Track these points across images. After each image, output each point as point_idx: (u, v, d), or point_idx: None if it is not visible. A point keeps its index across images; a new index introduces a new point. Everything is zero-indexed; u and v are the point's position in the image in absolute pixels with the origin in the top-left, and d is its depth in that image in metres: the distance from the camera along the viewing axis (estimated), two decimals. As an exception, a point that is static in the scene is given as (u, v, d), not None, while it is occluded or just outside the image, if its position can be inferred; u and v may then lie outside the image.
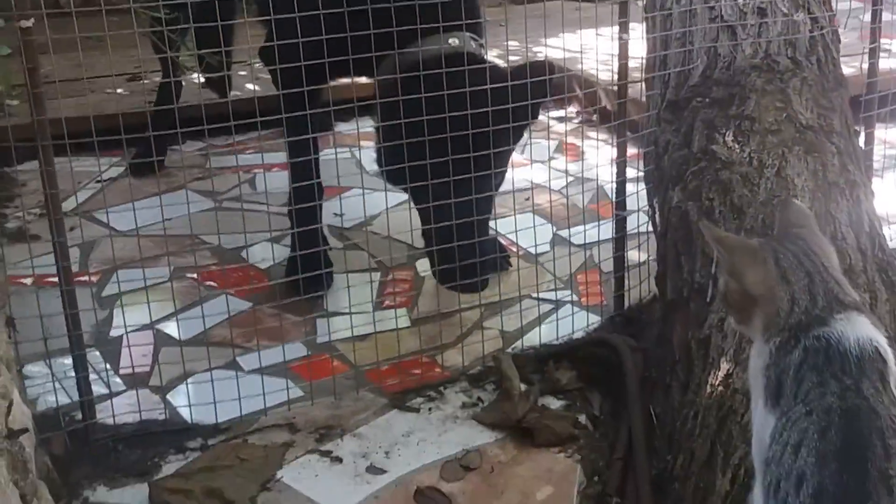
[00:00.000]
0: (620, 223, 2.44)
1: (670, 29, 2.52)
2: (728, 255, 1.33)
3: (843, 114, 2.27)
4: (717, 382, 1.73)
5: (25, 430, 1.35)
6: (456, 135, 2.15)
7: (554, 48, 2.95)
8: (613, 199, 2.44)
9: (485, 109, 2.14)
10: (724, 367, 1.75)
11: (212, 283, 2.70)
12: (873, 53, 2.62)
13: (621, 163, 2.40)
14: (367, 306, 2.49)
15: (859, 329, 1.23)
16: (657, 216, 2.40)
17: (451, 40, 2.28)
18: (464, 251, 2.23)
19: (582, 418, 2.09)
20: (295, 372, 2.28)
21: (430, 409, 2.16)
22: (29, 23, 1.59)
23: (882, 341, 1.24)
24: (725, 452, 1.60)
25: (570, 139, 3.49)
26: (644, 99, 2.59)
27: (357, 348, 2.35)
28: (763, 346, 1.29)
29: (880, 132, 2.88)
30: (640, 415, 1.96)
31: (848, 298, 1.28)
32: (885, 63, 2.76)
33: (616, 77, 2.38)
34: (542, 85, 2.29)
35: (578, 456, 1.98)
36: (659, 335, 2.23)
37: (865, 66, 2.61)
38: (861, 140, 2.50)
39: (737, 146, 2.16)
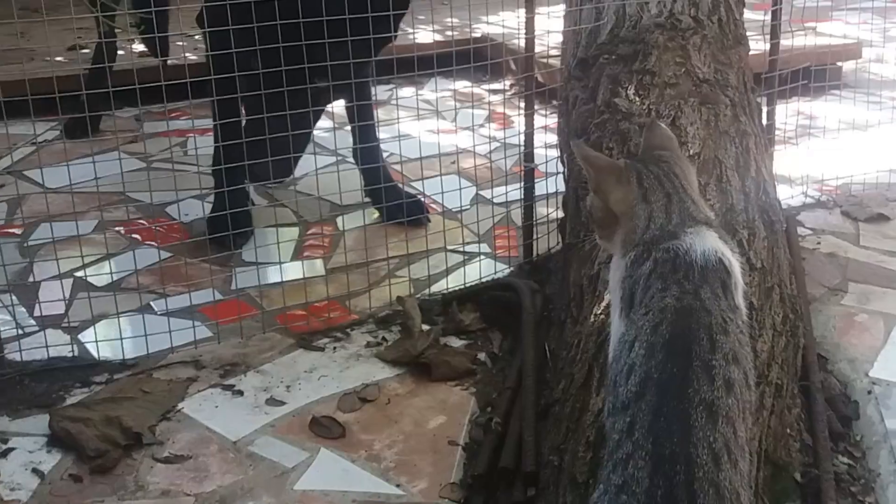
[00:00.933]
0: (529, 174, 2.44)
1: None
2: (595, 174, 1.35)
3: (741, 70, 2.29)
4: (600, 312, 1.74)
5: None
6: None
7: (494, 24, 2.99)
8: (521, 152, 2.44)
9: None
10: (607, 297, 1.75)
11: (136, 237, 2.67)
12: (775, 32, 2.67)
13: (529, 116, 2.39)
14: (286, 256, 2.49)
15: (707, 242, 1.26)
16: (565, 170, 2.41)
17: None
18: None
19: (481, 356, 2.10)
20: (204, 314, 2.26)
21: (334, 348, 2.15)
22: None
23: (728, 253, 1.27)
24: (601, 374, 1.60)
25: (500, 109, 3.51)
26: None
27: (268, 294, 2.33)
28: (620, 260, 1.32)
29: (795, 104, 2.96)
30: (533, 348, 1.95)
31: (700, 215, 1.31)
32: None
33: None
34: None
35: (473, 389, 1.98)
36: (562, 279, 2.24)
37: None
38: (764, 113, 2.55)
39: (637, 99, 2.17)
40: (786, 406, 1.71)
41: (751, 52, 2.48)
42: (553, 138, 2.58)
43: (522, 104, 2.50)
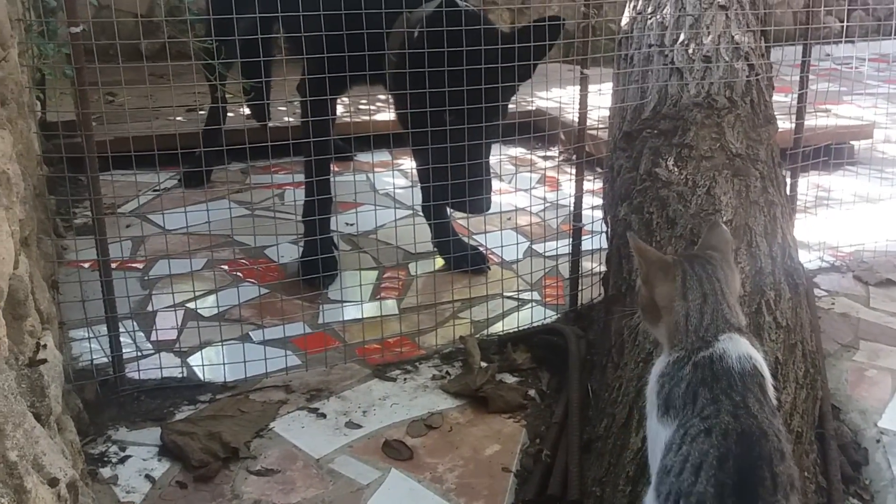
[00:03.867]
0: (577, 232, 2.44)
1: (630, 71, 2.54)
2: (646, 266, 1.30)
3: (770, 146, 2.26)
4: (640, 359, 1.72)
5: (44, 361, 1.36)
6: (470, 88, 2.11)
7: (546, 100, 3.02)
8: (570, 212, 2.44)
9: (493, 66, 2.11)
10: (647, 347, 1.74)
11: (239, 274, 2.72)
12: (800, 114, 2.64)
13: (579, 181, 2.39)
14: (365, 295, 2.53)
15: (740, 347, 1.22)
16: (609, 229, 2.40)
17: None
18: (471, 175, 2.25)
19: (532, 392, 2.08)
20: (295, 344, 2.29)
21: (405, 379, 2.15)
22: (78, 29, 1.62)
23: (759, 357, 1.23)
24: (640, 416, 1.58)
25: (552, 173, 3.52)
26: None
27: (349, 329, 2.36)
28: (664, 356, 1.27)
29: (814, 178, 2.93)
30: (578, 388, 1.94)
31: (734, 319, 1.26)
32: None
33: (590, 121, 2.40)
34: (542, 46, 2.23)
35: (525, 422, 1.96)
36: (602, 326, 2.23)
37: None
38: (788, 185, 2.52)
39: (676, 169, 2.16)
40: (804, 451, 1.66)
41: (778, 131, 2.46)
42: (598, 201, 2.57)
43: (572, 170, 2.50)
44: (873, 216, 3.06)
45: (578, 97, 2.38)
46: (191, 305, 2.46)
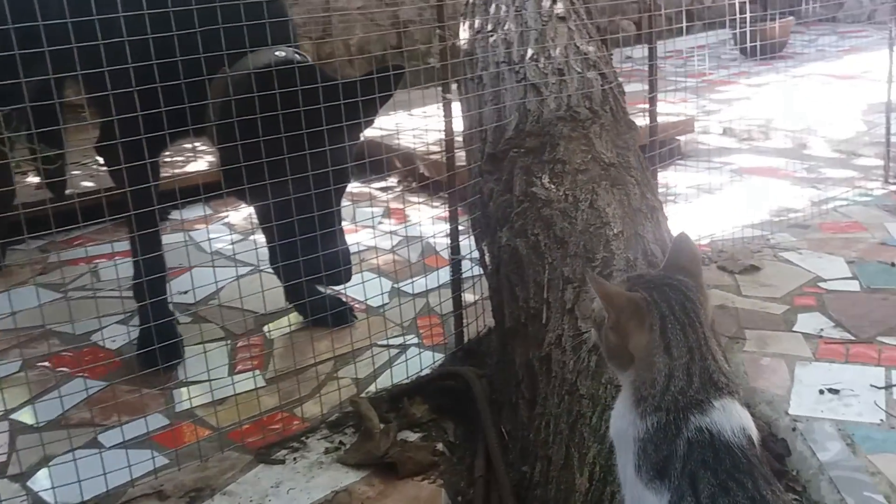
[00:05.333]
0: (456, 267, 2.42)
1: (482, 92, 2.57)
2: (615, 313, 1.16)
3: (636, 152, 2.36)
4: (564, 392, 1.70)
5: None
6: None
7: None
8: (449, 246, 2.42)
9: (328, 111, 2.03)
10: (568, 377, 1.73)
11: (64, 369, 2.46)
12: (653, 117, 2.80)
13: (453, 212, 2.38)
14: (222, 371, 2.37)
15: (734, 419, 1.11)
16: (486, 257, 2.40)
17: (277, 52, 2.14)
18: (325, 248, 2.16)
19: (440, 446, 2.01)
20: (158, 441, 2.09)
21: (294, 458, 2.02)
22: None
23: (750, 426, 1.14)
24: (580, 454, 1.56)
25: (394, 205, 3.52)
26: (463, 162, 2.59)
27: (217, 412, 2.18)
28: (633, 414, 1.14)
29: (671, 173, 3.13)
30: (494, 433, 1.89)
31: (721, 379, 1.15)
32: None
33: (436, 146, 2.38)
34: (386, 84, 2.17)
35: (441, 481, 1.89)
36: (498, 361, 2.21)
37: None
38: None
39: (553, 186, 2.19)
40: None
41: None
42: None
43: (419, 199, 2.48)
44: (714, 206, 3.29)
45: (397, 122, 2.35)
46: (16, 416, 2.19)
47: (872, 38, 6.12)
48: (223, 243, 3.19)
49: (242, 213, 3.47)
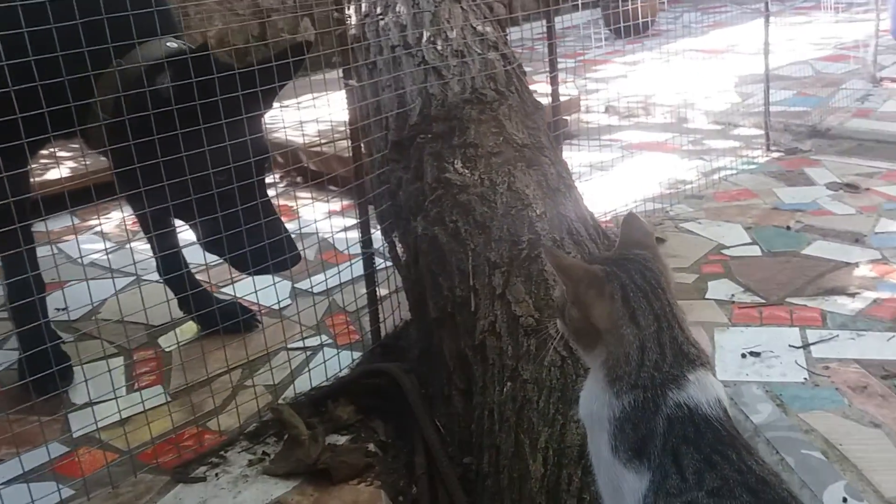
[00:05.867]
0: (368, 261, 2.37)
1: (379, 79, 2.53)
2: (572, 284, 1.15)
3: (545, 132, 2.38)
4: (505, 379, 1.70)
5: None
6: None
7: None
8: (360, 240, 2.37)
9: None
10: (508, 363, 1.73)
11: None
12: (555, 96, 2.84)
13: (362, 205, 2.33)
14: (120, 390, 2.24)
15: (709, 391, 1.11)
16: (399, 248, 2.37)
17: (169, 43, 2.03)
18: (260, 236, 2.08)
19: (371, 447, 1.97)
20: (61, 472, 1.95)
21: (216, 474, 1.93)
22: None
23: (723, 396, 1.14)
24: (531, 440, 1.56)
25: (281, 202, 3.42)
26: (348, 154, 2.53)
27: (122, 433, 2.06)
28: (607, 394, 1.13)
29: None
30: (431, 428, 1.87)
31: (692, 351, 1.15)
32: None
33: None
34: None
35: (378, 482, 1.85)
36: (421, 354, 2.19)
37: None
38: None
39: (467, 171, 2.18)
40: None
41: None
42: (342, 223, 2.51)
43: (302, 194, 2.41)
44: (610, 183, 3.40)
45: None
46: None
47: (733, 13, 6.42)
48: (97, 254, 3.01)
49: (114, 221, 3.30)
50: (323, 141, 3.47)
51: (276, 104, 2.21)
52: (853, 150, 3.81)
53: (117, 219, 3.19)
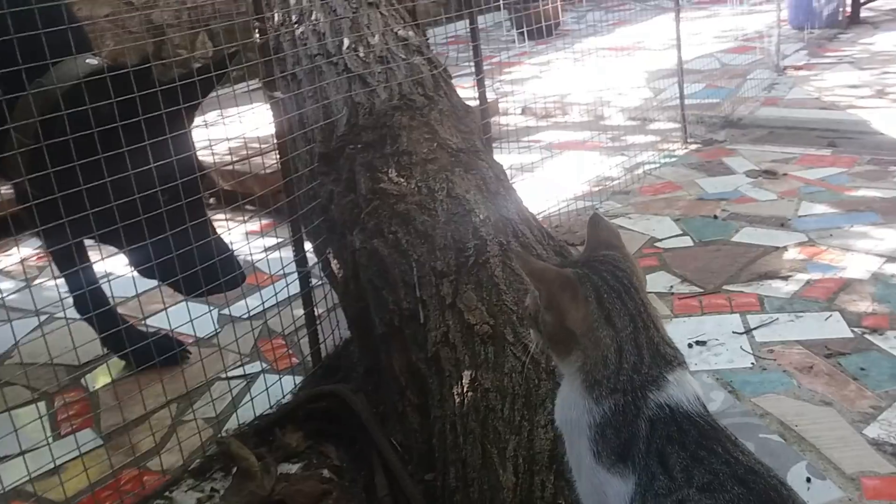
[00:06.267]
0: (304, 281, 2.33)
1: (299, 91, 2.50)
2: (545, 288, 1.14)
3: (479, 135, 2.39)
4: (465, 390, 1.69)
5: None
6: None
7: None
8: (294, 258, 2.32)
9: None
10: (466, 373, 1.71)
11: None
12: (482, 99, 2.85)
13: (295, 224, 2.29)
14: (43, 436, 2.12)
15: (688, 389, 1.11)
16: (335, 264, 2.33)
17: (88, 60, 1.97)
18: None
19: (325, 472, 1.93)
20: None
21: (164, 516, 1.87)
22: None
23: (700, 392, 1.15)
24: (499, 449, 1.55)
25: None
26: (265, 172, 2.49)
27: (55, 484, 1.96)
28: (586, 399, 1.12)
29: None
30: (389, 447, 1.85)
31: (669, 352, 1.15)
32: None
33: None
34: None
35: (338, 508, 1.82)
36: (367, 372, 2.16)
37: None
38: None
39: (403, 180, 2.17)
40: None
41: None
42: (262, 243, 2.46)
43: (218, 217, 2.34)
44: (536, 183, 3.46)
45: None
46: None
47: (635, 11, 6.60)
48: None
49: (13, 259, 3.15)
50: (236, 159, 3.40)
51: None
52: (766, 138, 3.95)
53: (17, 257, 3.06)
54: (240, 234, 3.00)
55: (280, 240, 2.36)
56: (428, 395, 1.85)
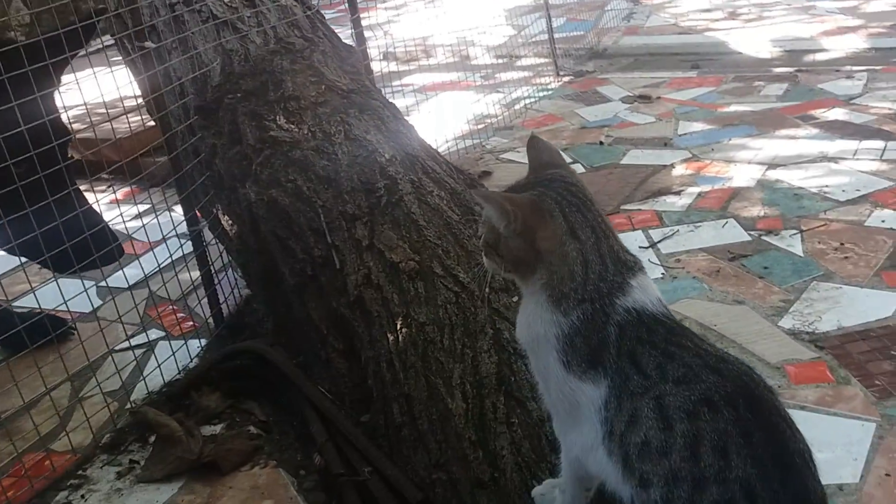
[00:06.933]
0: (197, 240, 2.28)
1: (162, 42, 2.41)
2: (521, 214, 1.16)
3: (366, 74, 2.39)
4: (399, 326, 1.72)
5: None
6: None
7: None
8: (185, 219, 2.27)
9: None
10: (397, 311, 1.74)
11: None
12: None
13: (180, 184, 2.23)
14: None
15: (650, 292, 1.17)
16: (226, 221, 2.30)
17: None
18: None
19: (252, 429, 1.93)
20: None
21: (82, 496, 1.82)
22: None
23: (659, 293, 1.20)
24: (444, 378, 1.59)
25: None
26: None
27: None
28: (553, 314, 1.17)
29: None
30: (319, 394, 1.86)
31: (629, 258, 1.20)
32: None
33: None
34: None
35: (273, 462, 1.83)
36: (276, 328, 2.15)
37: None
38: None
39: (294, 126, 2.15)
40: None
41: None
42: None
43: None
44: (417, 126, 3.42)
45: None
46: None
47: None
48: None
49: None
50: (93, 124, 3.26)
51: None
52: (632, 66, 4.13)
53: None
54: (105, 205, 2.90)
55: (151, 205, 2.28)
56: (354, 339, 1.87)
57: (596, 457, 1.14)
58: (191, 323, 2.41)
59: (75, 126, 3.00)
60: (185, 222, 2.27)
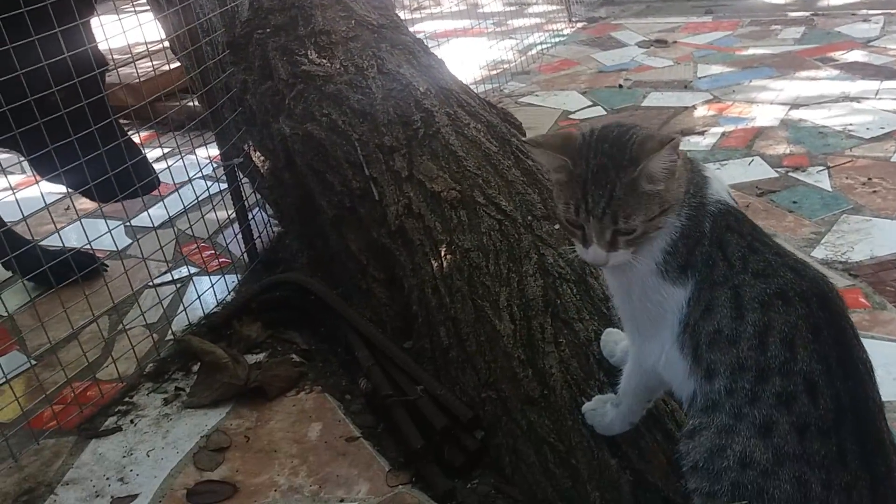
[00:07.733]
0: (231, 175, 2.33)
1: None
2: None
3: (395, 10, 2.42)
4: (444, 253, 1.77)
5: None
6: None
7: None
8: (221, 154, 2.31)
9: None
10: (440, 238, 1.80)
11: None
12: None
13: (216, 117, 2.27)
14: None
15: (724, 185, 1.21)
16: (258, 157, 2.35)
17: None
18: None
19: (295, 357, 2.00)
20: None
21: (132, 421, 1.88)
22: None
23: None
24: (490, 301, 1.65)
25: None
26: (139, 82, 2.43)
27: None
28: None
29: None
30: (364, 321, 1.92)
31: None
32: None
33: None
34: None
35: (318, 387, 1.89)
36: (312, 262, 2.21)
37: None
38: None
39: (326, 61, 2.19)
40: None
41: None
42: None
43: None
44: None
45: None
46: None
47: None
48: None
49: None
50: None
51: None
52: (645, 12, 4.15)
53: None
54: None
55: (170, 149, 2.31)
56: (395, 268, 1.92)
57: (670, 357, 1.19)
58: (223, 259, 2.46)
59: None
60: (212, 162, 2.32)
